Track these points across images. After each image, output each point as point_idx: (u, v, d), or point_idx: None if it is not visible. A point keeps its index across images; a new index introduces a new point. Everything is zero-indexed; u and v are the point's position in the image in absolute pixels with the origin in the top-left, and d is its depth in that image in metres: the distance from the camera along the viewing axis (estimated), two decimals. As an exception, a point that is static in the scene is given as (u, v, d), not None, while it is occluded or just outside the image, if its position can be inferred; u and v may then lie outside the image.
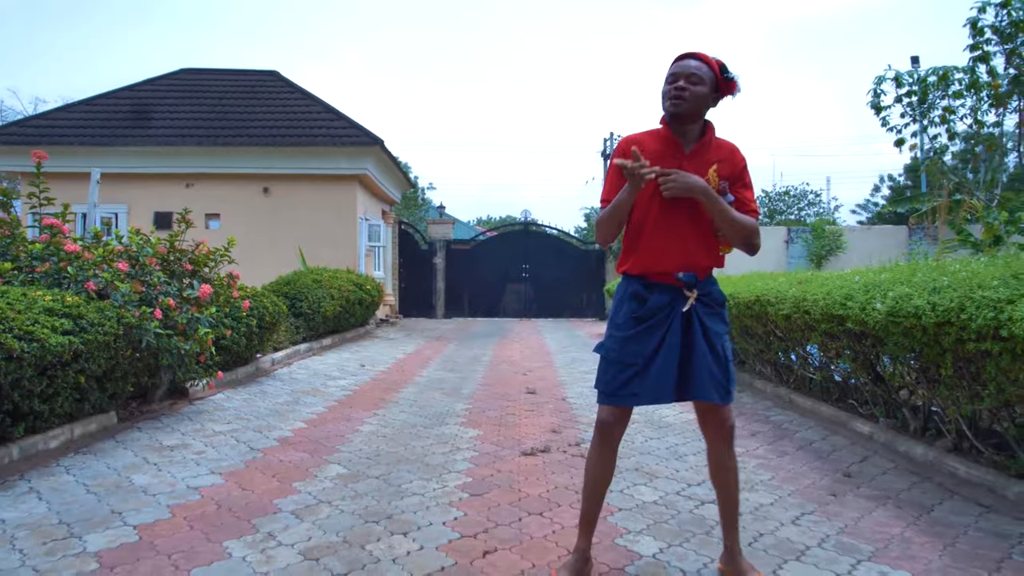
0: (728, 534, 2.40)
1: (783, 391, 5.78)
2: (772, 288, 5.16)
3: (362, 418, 4.98)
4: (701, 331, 2.23)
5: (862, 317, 3.76)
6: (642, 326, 2.25)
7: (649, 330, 2.24)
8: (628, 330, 2.26)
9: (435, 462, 3.84)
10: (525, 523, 2.92)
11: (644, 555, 2.60)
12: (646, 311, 2.25)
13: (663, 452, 4.11)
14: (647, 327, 2.24)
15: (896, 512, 3.10)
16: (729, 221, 2.20)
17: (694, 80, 2.21)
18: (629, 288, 2.31)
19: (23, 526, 2.79)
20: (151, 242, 4.99)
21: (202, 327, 4.74)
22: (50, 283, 4.26)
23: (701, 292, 2.26)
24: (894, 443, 4.17)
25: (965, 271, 3.31)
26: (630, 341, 2.25)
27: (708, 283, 2.31)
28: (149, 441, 4.20)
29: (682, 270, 2.24)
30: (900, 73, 5.52)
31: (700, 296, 2.26)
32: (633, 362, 2.23)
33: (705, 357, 2.21)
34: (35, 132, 13.24)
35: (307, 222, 13.08)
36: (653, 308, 2.25)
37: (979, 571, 2.48)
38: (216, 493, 3.26)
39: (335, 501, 3.16)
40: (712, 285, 2.33)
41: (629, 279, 2.33)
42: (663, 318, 2.24)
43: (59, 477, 3.45)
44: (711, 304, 2.29)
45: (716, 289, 2.34)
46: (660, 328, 2.24)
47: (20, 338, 3.37)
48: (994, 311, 2.80)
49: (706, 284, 2.30)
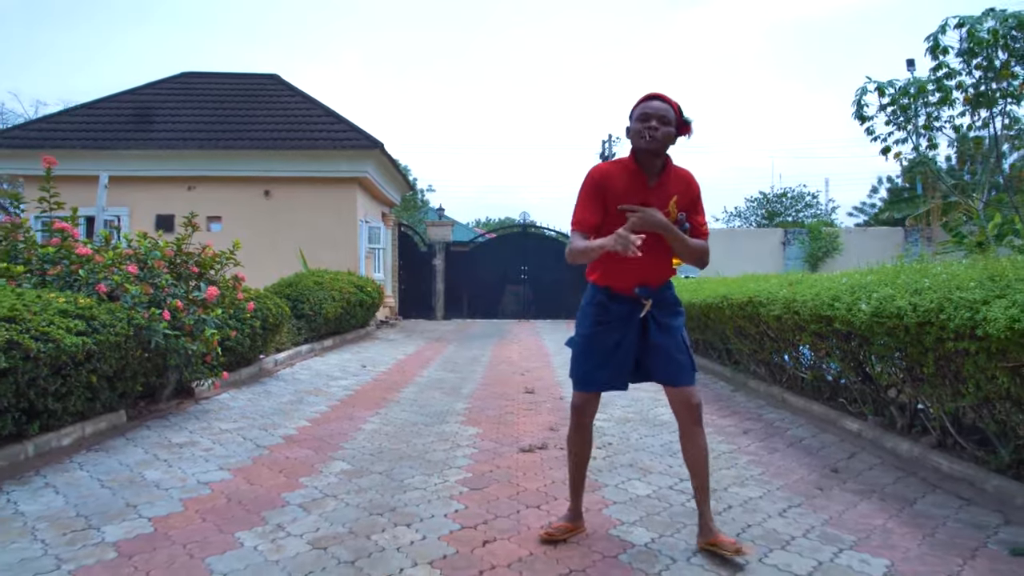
0: (703, 508, 2.64)
1: (776, 390, 5.91)
2: (764, 290, 5.29)
3: (364, 417, 5.11)
4: (656, 327, 2.63)
5: (848, 317, 3.89)
6: (601, 327, 2.66)
7: (608, 330, 2.65)
8: (591, 330, 2.68)
9: (436, 458, 3.97)
10: (523, 515, 3.04)
11: (637, 544, 2.73)
12: (607, 316, 2.65)
13: (657, 449, 4.24)
14: (606, 328, 2.65)
15: (880, 505, 3.23)
16: (684, 248, 2.57)
17: (665, 121, 2.50)
18: (595, 297, 2.70)
19: (43, 518, 2.91)
20: (159, 245, 5.12)
21: (208, 328, 4.87)
22: (62, 285, 4.39)
23: (657, 299, 2.64)
24: (881, 440, 4.30)
25: (946, 273, 3.44)
26: (592, 339, 2.67)
27: (663, 290, 2.69)
28: (158, 439, 4.32)
29: (639, 286, 2.62)
30: (882, 84, 5.71)
31: (656, 302, 2.64)
32: (594, 355, 2.66)
33: (662, 348, 2.61)
34: (38, 136, 13.36)
35: (308, 224, 13.20)
36: (613, 315, 2.65)
37: (955, 559, 2.61)
38: (225, 488, 3.38)
39: (340, 495, 3.29)
40: (667, 290, 2.71)
41: (596, 288, 2.71)
42: (623, 322, 2.64)
43: (74, 473, 3.57)
44: (666, 306, 2.68)
45: (670, 293, 2.73)
46: (619, 329, 2.64)
47: (37, 338, 3.49)
48: (970, 311, 2.93)
49: (661, 291, 2.68)
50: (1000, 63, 5.02)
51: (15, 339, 3.33)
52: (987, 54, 5.03)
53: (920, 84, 5.40)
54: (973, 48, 5.05)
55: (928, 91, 5.40)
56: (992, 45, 4.92)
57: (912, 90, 5.44)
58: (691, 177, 2.69)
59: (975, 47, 5.01)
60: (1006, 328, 2.71)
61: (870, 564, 2.56)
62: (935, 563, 2.57)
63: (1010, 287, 2.89)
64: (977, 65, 5.18)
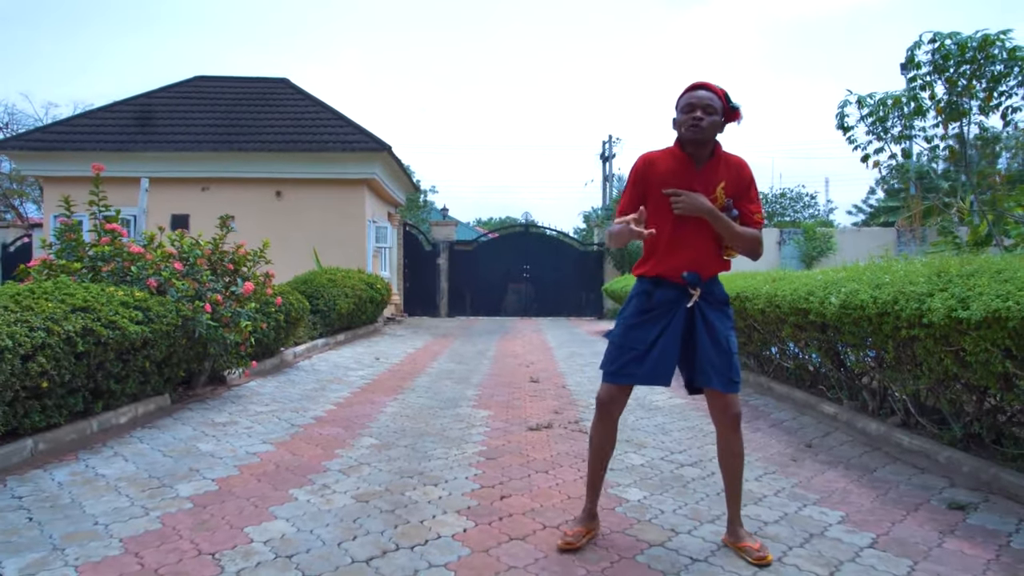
0: (731, 510, 2.65)
1: (763, 379, 6.39)
2: (750, 286, 5.78)
3: (384, 402, 5.58)
4: (704, 325, 2.52)
5: (821, 310, 4.37)
6: (645, 316, 2.55)
7: (652, 320, 2.54)
8: (632, 319, 2.58)
9: (454, 435, 4.44)
10: (533, 479, 3.52)
11: (631, 500, 3.21)
12: (651, 304, 2.56)
13: (652, 429, 4.72)
14: (649, 317, 2.55)
15: (844, 472, 3.70)
16: (732, 235, 2.51)
17: (710, 111, 2.48)
18: (641, 287, 2.63)
19: (122, 479, 3.39)
20: (199, 244, 5.60)
21: (243, 320, 5.35)
22: (116, 280, 4.86)
23: (705, 291, 2.54)
24: (854, 421, 4.78)
25: (904, 270, 3.92)
26: (633, 328, 2.56)
27: (712, 283, 2.59)
28: (202, 419, 4.80)
29: (687, 271, 2.53)
30: (862, 96, 6.22)
31: (704, 294, 2.54)
32: (633, 347, 2.54)
33: (708, 349, 2.50)
34: (57, 138, 13.84)
35: (318, 224, 13.68)
36: (658, 302, 2.55)
37: (900, 511, 3.09)
38: (272, 457, 3.86)
39: (373, 463, 3.76)
40: (715, 285, 2.61)
41: (642, 280, 2.64)
42: (666, 311, 2.53)
43: (136, 445, 4.05)
44: (714, 302, 2.57)
45: (719, 288, 2.62)
46: (662, 320, 2.53)
47: (106, 326, 3.98)
48: (918, 303, 3.41)
49: (710, 284, 2.58)
50: (965, 80, 5.52)
51: (89, 326, 3.82)
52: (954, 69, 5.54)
53: (895, 97, 5.91)
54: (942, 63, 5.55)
55: (902, 103, 5.91)
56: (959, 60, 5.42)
57: (889, 102, 5.95)
58: (744, 164, 2.60)
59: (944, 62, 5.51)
60: (945, 316, 3.18)
61: (828, 515, 3.03)
62: (882, 514, 3.04)
63: (951, 282, 3.36)
64: (947, 79, 5.67)
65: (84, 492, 3.19)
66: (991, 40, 5.34)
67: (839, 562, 2.53)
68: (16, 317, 3.47)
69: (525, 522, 2.90)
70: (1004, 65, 5.32)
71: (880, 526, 2.90)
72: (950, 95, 5.68)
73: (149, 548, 2.57)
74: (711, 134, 2.50)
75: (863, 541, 2.73)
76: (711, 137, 2.51)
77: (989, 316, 2.93)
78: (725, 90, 2.55)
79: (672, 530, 2.84)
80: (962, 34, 5.48)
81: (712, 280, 2.60)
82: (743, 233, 2.52)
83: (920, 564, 2.53)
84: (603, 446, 2.68)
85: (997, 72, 5.32)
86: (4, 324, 3.33)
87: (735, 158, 2.61)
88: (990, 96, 5.46)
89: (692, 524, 2.91)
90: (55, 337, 3.57)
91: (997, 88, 5.45)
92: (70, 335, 3.67)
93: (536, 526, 2.86)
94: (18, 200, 29.90)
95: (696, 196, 2.46)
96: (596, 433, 2.67)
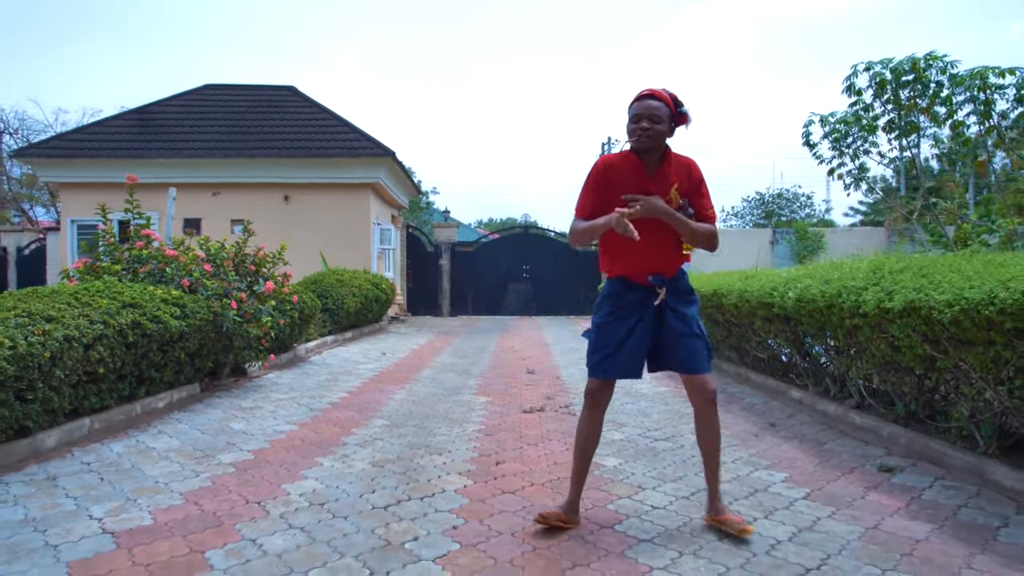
0: (711, 486, 2.81)
1: (742, 370, 6.93)
2: (725, 284, 6.33)
3: (392, 390, 6.13)
4: (673, 316, 2.73)
5: (783, 303, 4.91)
6: (616, 316, 2.75)
7: (620, 320, 2.74)
8: (605, 319, 2.78)
9: (456, 417, 4.99)
10: (525, 450, 4.07)
11: (607, 466, 3.75)
12: (622, 305, 2.75)
13: (633, 412, 5.26)
14: (619, 317, 2.74)
15: (798, 446, 4.24)
16: (690, 233, 2.67)
17: (655, 119, 2.62)
18: (612, 288, 2.80)
19: (170, 451, 3.95)
20: (225, 247, 6.16)
21: (264, 316, 5.90)
22: (153, 281, 5.42)
23: (670, 288, 2.75)
24: (816, 404, 5.31)
25: (849, 268, 4.46)
26: (604, 328, 2.77)
27: (676, 278, 2.78)
28: (229, 404, 5.35)
29: (652, 274, 2.72)
30: (824, 116, 6.87)
31: (669, 290, 2.74)
32: (607, 344, 2.74)
33: (678, 335, 2.71)
34: (73, 145, 14.41)
35: (324, 227, 14.23)
36: (628, 303, 2.75)
37: (836, 473, 3.62)
38: (296, 434, 4.41)
39: (385, 439, 4.31)
40: (680, 279, 2.79)
41: (612, 281, 2.82)
42: (635, 310, 2.74)
43: (176, 425, 4.60)
44: (679, 293, 2.78)
45: (684, 281, 2.81)
46: (631, 319, 2.73)
47: (151, 320, 4.53)
48: (856, 296, 3.95)
49: (675, 279, 2.77)
50: (905, 99, 6.13)
51: (137, 320, 4.37)
52: (891, 93, 6.18)
53: (844, 119, 6.57)
54: (879, 88, 6.21)
55: (851, 123, 6.53)
56: (897, 84, 6.05)
57: (850, 119, 6.57)
58: (693, 164, 2.76)
59: (881, 87, 6.17)
60: (875, 307, 3.72)
61: (773, 476, 3.57)
62: (820, 476, 3.58)
63: (884, 278, 3.90)
64: (887, 100, 6.28)
65: (141, 460, 3.74)
66: (917, 63, 5.97)
67: (774, 508, 3.07)
68: (79, 312, 4.03)
69: (516, 481, 3.45)
70: (945, 86, 5.91)
71: (816, 484, 3.44)
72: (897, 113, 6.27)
73: (205, 499, 3.12)
74: (659, 142, 2.67)
75: (798, 495, 3.27)
76: (659, 144, 2.68)
77: (907, 306, 3.46)
78: (673, 95, 2.72)
79: (639, 487, 3.38)
80: (896, 59, 6.10)
81: (677, 275, 2.79)
82: (700, 229, 2.69)
83: (841, 510, 3.06)
84: (588, 437, 2.81)
85: (934, 90, 5.92)
86: (71, 318, 3.89)
87: (685, 159, 2.78)
88: (927, 110, 6.05)
89: (657, 483, 3.45)
90: (111, 329, 4.13)
91: (933, 106, 6.05)
92: (122, 327, 4.22)
93: (525, 483, 3.41)
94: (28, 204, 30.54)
95: (653, 199, 2.62)
96: (583, 423, 2.83)
